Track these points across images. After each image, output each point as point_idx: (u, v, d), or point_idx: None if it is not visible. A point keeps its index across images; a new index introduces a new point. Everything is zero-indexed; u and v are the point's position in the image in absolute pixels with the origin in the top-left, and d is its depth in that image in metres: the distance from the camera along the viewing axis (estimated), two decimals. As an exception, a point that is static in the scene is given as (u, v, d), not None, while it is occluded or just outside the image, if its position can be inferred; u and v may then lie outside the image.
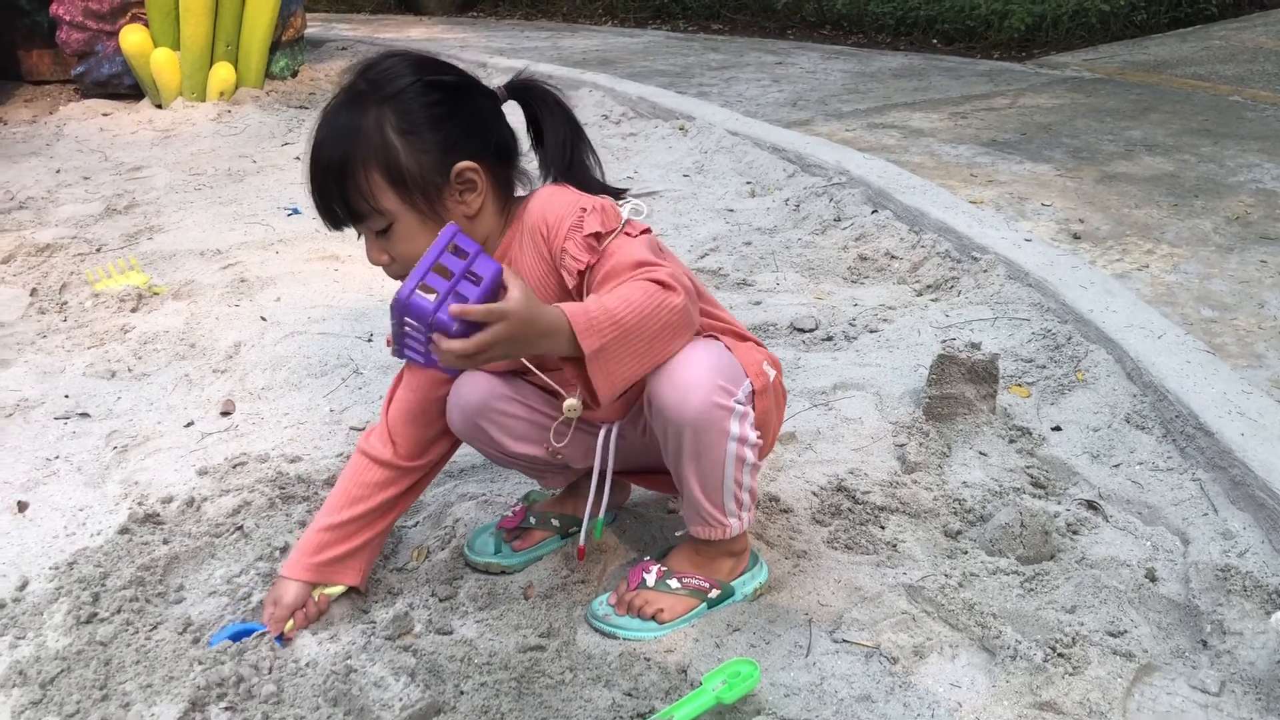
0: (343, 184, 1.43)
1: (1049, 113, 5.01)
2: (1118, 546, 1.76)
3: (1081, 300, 2.51)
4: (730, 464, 1.48)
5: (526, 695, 1.46)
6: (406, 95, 1.42)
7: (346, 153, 1.42)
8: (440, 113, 1.44)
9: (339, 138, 1.43)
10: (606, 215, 1.44)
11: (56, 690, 1.49)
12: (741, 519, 1.56)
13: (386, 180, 1.42)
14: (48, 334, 2.73)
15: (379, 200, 1.43)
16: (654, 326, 1.35)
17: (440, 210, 1.46)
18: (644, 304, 1.34)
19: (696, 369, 1.41)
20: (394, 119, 1.42)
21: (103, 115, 5.15)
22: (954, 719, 1.40)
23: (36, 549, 1.84)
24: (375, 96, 1.42)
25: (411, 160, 1.42)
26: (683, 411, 1.42)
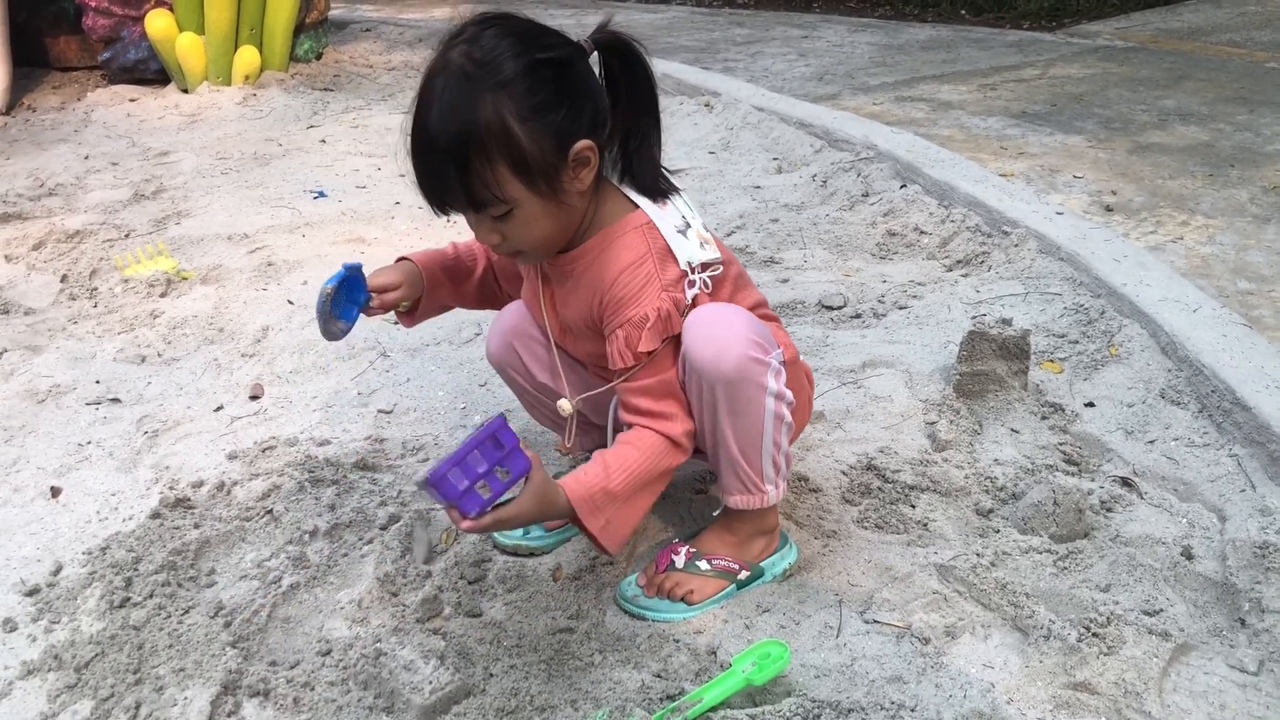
0: (465, 175, 1.37)
1: (1080, 83, 4.94)
2: (1153, 524, 1.74)
3: (1114, 274, 2.47)
4: (769, 420, 1.49)
5: (556, 677, 1.46)
6: (521, 79, 1.35)
7: (467, 144, 1.35)
8: (553, 92, 1.37)
9: (457, 128, 1.35)
10: (670, 324, 1.45)
11: (91, 674, 1.50)
12: (778, 486, 1.56)
13: (511, 170, 1.37)
14: (78, 320, 2.75)
15: (504, 189, 1.38)
16: (653, 483, 1.50)
17: (559, 191, 1.41)
18: (648, 469, 1.47)
19: (732, 326, 1.44)
20: (512, 105, 1.35)
21: (130, 101, 5.16)
22: (987, 700, 1.38)
23: (70, 534, 1.86)
24: (489, 82, 1.35)
25: (534, 146, 1.36)
26: (720, 366, 1.43)
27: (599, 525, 1.44)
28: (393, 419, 2.21)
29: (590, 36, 1.43)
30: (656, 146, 1.51)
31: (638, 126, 1.48)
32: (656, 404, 1.48)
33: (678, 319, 1.45)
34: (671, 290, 1.45)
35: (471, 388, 2.31)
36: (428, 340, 2.53)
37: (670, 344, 1.47)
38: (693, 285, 1.47)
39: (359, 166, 4.07)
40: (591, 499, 1.43)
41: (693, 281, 1.47)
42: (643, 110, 1.47)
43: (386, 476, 1.98)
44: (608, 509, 1.44)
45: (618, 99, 1.46)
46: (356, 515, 1.85)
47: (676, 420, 1.48)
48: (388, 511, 1.84)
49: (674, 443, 1.49)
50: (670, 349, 1.47)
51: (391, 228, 3.34)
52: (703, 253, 1.48)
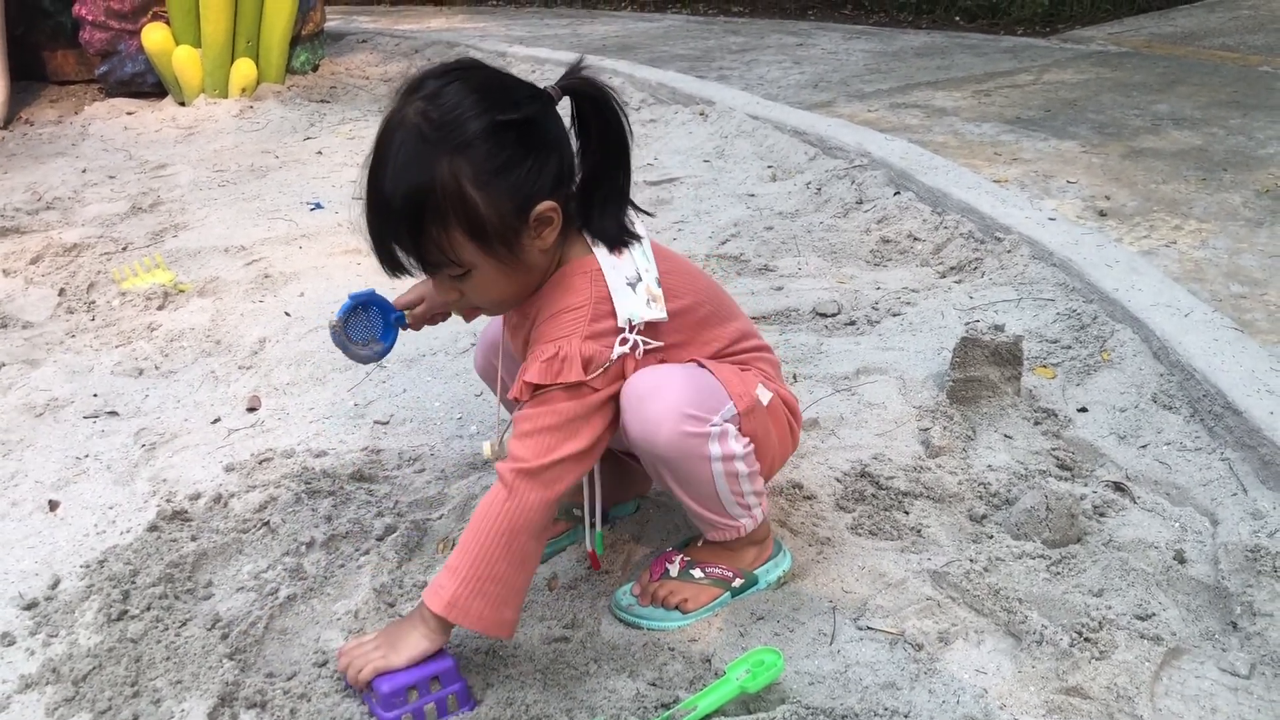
0: (418, 238, 1.35)
1: (1074, 88, 4.96)
2: (1145, 528, 1.75)
3: (1107, 279, 2.48)
4: (720, 481, 1.48)
5: (551, 687, 1.47)
6: (480, 142, 1.32)
7: (421, 207, 1.32)
8: (514, 155, 1.34)
9: (410, 190, 1.32)
10: (565, 368, 1.38)
11: (89, 687, 1.51)
12: (753, 516, 1.56)
13: (467, 235, 1.34)
14: (76, 333, 2.76)
15: (459, 254, 1.36)
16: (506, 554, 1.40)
17: (519, 252, 1.38)
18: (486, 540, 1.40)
19: (662, 400, 1.40)
20: (470, 170, 1.31)
21: (127, 114, 5.19)
22: (980, 705, 1.39)
23: (68, 547, 1.86)
24: (446, 145, 1.31)
25: (492, 211, 1.33)
26: (654, 446, 1.42)
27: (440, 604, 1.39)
28: (389, 430, 2.22)
29: (559, 83, 1.40)
30: (624, 194, 1.48)
31: (606, 173, 1.44)
32: (517, 440, 1.41)
33: (577, 369, 1.38)
34: (592, 340, 1.40)
35: (467, 398, 2.32)
36: (424, 351, 2.54)
37: (561, 396, 1.39)
38: (625, 343, 1.41)
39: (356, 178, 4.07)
40: (455, 604, 1.39)
41: (625, 339, 1.42)
42: (612, 157, 1.44)
43: (383, 487, 1.99)
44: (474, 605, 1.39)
45: (588, 143, 1.43)
46: (353, 526, 1.86)
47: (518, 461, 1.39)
48: (384, 522, 1.85)
49: (506, 486, 1.39)
50: (566, 397, 1.39)
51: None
52: (648, 310, 1.43)
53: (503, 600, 1.41)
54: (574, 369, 1.38)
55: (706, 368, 1.50)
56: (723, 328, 1.57)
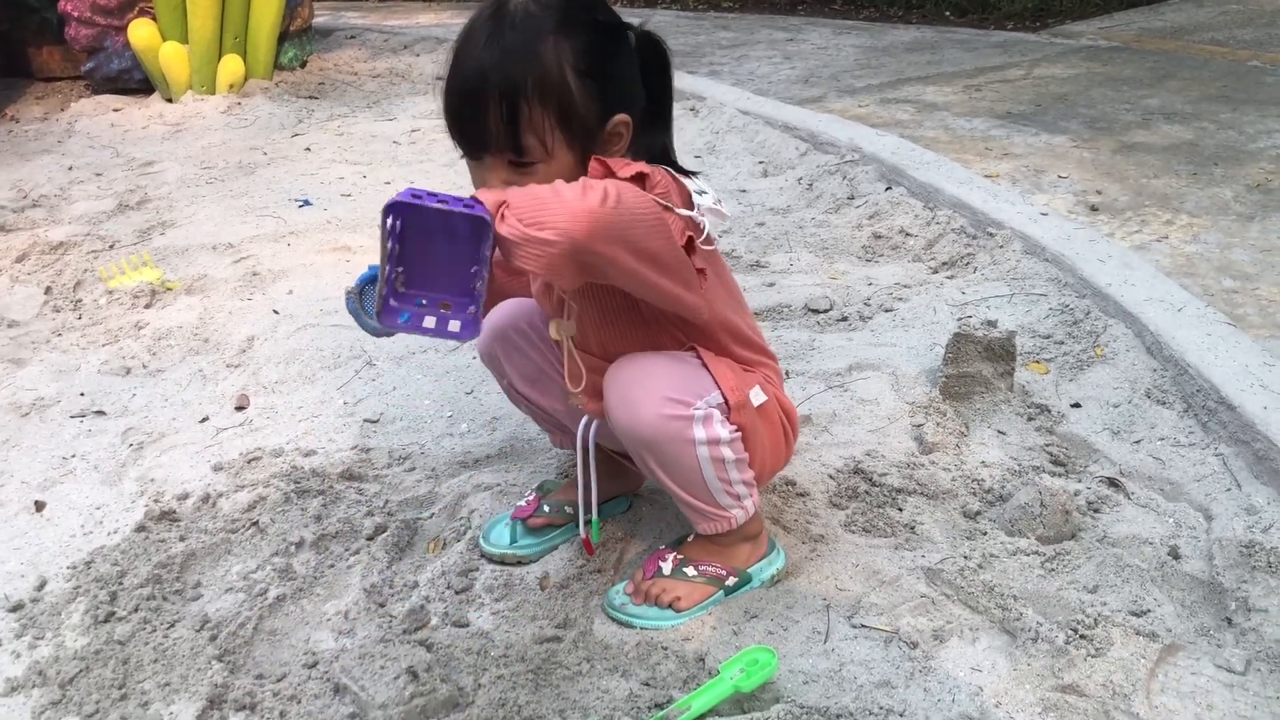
0: (512, 113, 1.31)
1: (1064, 83, 4.96)
2: (1140, 524, 1.74)
3: (1099, 274, 2.48)
4: (706, 467, 1.47)
5: (543, 687, 1.45)
6: (584, 33, 1.34)
7: (524, 85, 1.30)
8: (610, 57, 1.36)
9: (513, 61, 1.30)
10: (651, 179, 1.33)
11: (76, 690, 1.50)
12: (744, 507, 1.55)
13: (558, 121, 1.33)
14: (63, 332, 2.74)
15: (546, 138, 1.33)
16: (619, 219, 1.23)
17: (588, 157, 1.35)
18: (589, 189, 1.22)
19: (643, 385, 1.41)
20: (572, 56, 1.32)
21: (113, 111, 5.15)
22: (975, 703, 1.38)
23: (54, 548, 1.84)
24: (551, 24, 1.32)
25: (585, 105, 1.34)
26: (636, 430, 1.42)
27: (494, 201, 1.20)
28: (379, 428, 2.20)
29: (633, 31, 1.43)
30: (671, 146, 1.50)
31: (658, 122, 1.47)
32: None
33: (659, 178, 1.33)
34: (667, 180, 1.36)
35: (458, 395, 2.31)
36: (414, 349, 2.52)
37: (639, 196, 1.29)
38: (691, 211, 1.37)
39: (344, 174, 4.06)
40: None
41: (698, 207, 1.38)
42: (662, 108, 1.47)
43: (373, 486, 1.98)
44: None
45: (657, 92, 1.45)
46: (343, 526, 1.84)
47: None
48: (374, 521, 1.84)
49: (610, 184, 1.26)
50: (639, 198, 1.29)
51: (377, 236, 3.33)
52: (715, 207, 1.41)
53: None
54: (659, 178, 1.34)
55: (701, 359, 1.49)
56: (739, 307, 1.58)
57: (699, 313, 1.43)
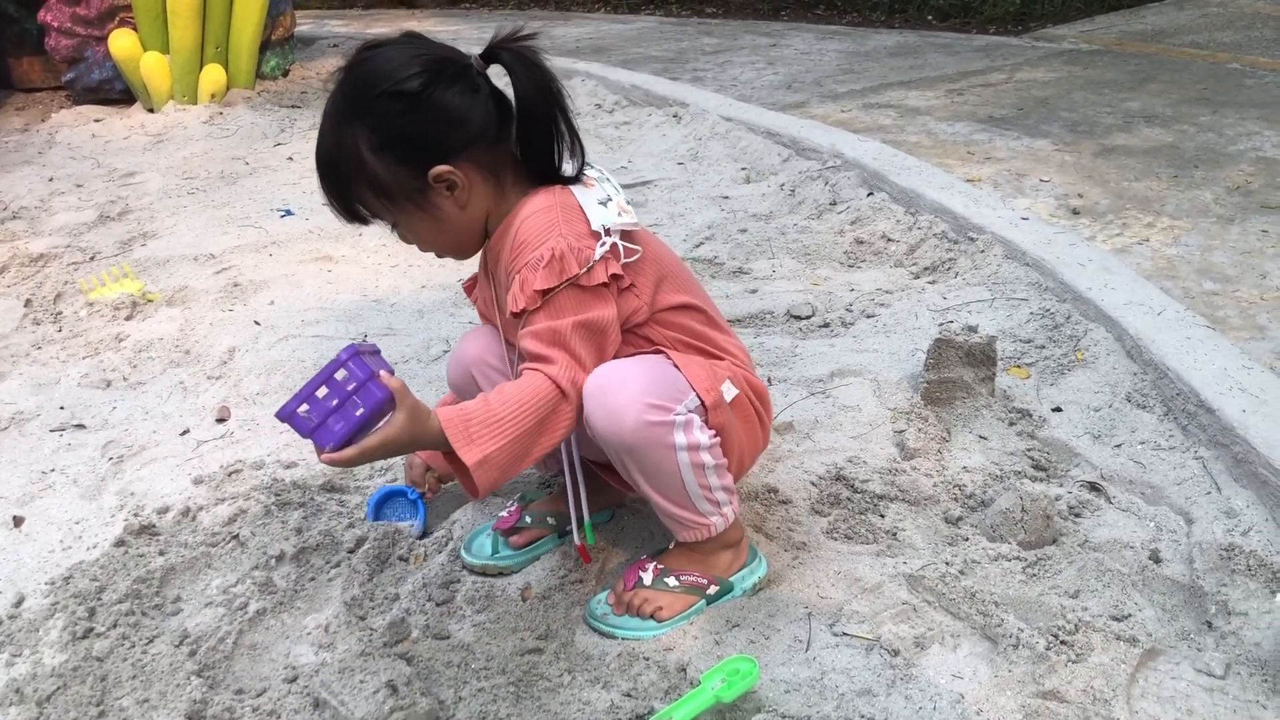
0: (341, 196, 1.49)
1: (1046, 86, 4.98)
2: (1121, 528, 1.75)
3: (1080, 278, 2.48)
4: (687, 472, 1.47)
5: (525, 699, 1.45)
6: (376, 109, 1.42)
7: (334, 169, 1.48)
8: (409, 121, 1.42)
9: (326, 154, 1.48)
10: (565, 264, 1.41)
11: (53, 708, 1.48)
12: (723, 514, 1.55)
13: (373, 194, 1.47)
14: (42, 345, 2.72)
15: (374, 209, 1.50)
16: (537, 430, 1.40)
17: (429, 210, 1.47)
18: (529, 406, 1.39)
19: (625, 390, 1.42)
20: (367, 136, 1.43)
21: (95, 121, 5.13)
22: (956, 711, 1.38)
23: (32, 564, 1.83)
24: (350, 111, 1.44)
25: (389, 175, 1.44)
26: (619, 436, 1.43)
27: (475, 458, 1.35)
28: (361, 439, 2.19)
29: (483, 53, 1.47)
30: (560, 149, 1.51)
31: (542, 130, 1.48)
32: (541, 348, 1.43)
33: (573, 264, 1.41)
34: (573, 239, 1.43)
35: (440, 406, 2.30)
36: (394, 359, 2.51)
37: (571, 294, 1.42)
38: (604, 245, 1.44)
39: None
40: (466, 427, 1.36)
41: (604, 242, 1.44)
42: (545, 113, 1.47)
43: (355, 498, 1.97)
44: (484, 441, 1.36)
45: (524, 99, 1.46)
46: (324, 538, 1.83)
47: (559, 366, 1.42)
48: (355, 534, 1.83)
49: (559, 389, 1.41)
50: (572, 299, 1.43)
51: (359, 245, 3.33)
52: (620, 219, 1.48)
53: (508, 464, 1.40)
54: (572, 262, 1.42)
55: (671, 360, 1.50)
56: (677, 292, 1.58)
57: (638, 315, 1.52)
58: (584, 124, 4.71)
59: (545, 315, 1.43)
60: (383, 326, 2.70)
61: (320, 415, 1.33)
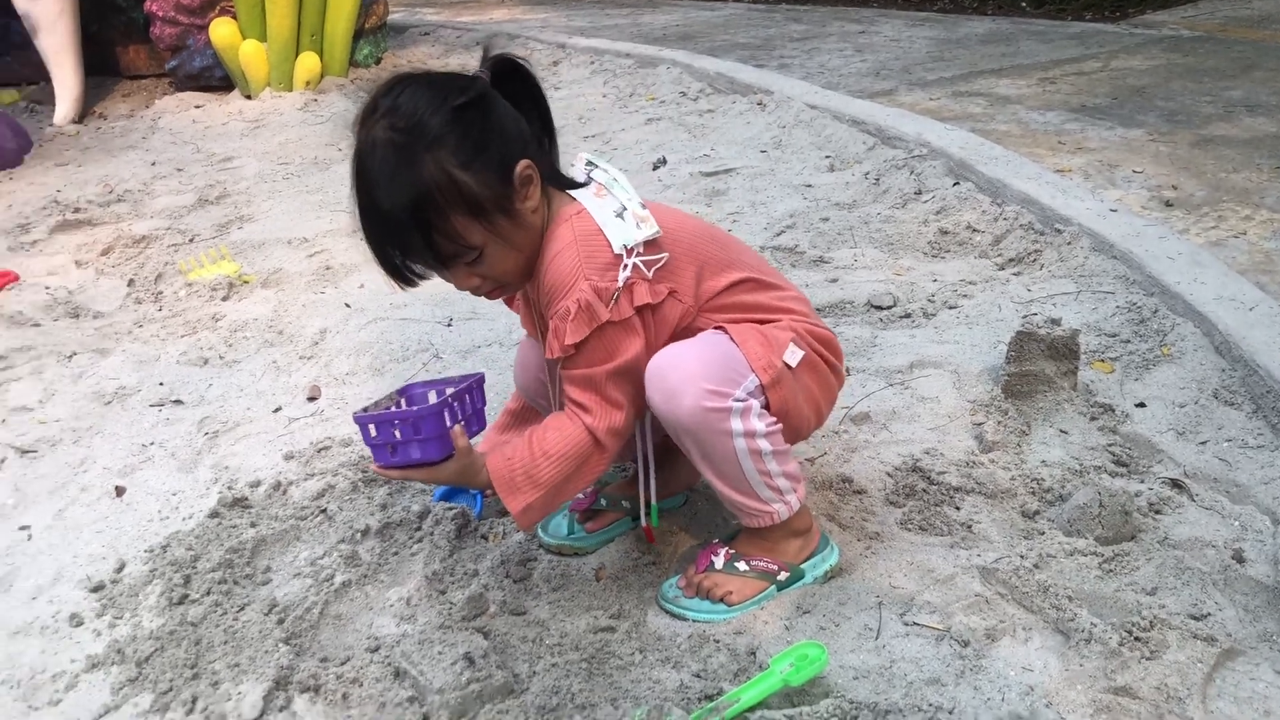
0: (428, 237, 1.41)
1: (1143, 75, 4.86)
2: (1203, 526, 1.72)
3: (1169, 272, 2.43)
4: (745, 459, 1.49)
5: (596, 676, 1.48)
6: (450, 130, 1.40)
7: (423, 209, 1.39)
8: (482, 130, 1.43)
9: (410, 198, 1.39)
10: (593, 313, 1.45)
11: (151, 668, 1.56)
12: (786, 502, 1.57)
13: (469, 216, 1.42)
14: (144, 323, 2.83)
15: (468, 237, 1.43)
16: (574, 475, 1.51)
17: (516, 217, 1.46)
18: (568, 457, 1.49)
19: (682, 373, 1.45)
20: (451, 157, 1.39)
21: (195, 107, 5.30)
22: (1025, 703, 1.38)
23: (133, 532, 1.92)
24: (422, 144, 1.39)
25: (483, 186, 1.41)
26: (677, 417, 1.46)
27: (518, 507, 1.50)
28: (444, 420, 2.24)
29: (481, 69, 1.49)
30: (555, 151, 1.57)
31: (545, 135, 1.53)
32: (580, 394, 1.49)
33: (602, 308, 1.45)
34: (596, 279, 1.45)
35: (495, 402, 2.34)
36: (479, 342, 2.57)
37: (605, 334, 1.46)
38: (625, 269, 1.46)
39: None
40: (511, 479, 1.50)
41: (625, 265, 1.46)
42: (544, 120, 1.53)
43: (436, 477, 2.02)
44: (526, 491, 1.49)
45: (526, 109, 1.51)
46: (407, 514, 1.89)
47: (596, 415, 1.49)
48: (436, 511, 1.88)
49: (594, 438, 1.49)
50: (605, 340, 1.47)
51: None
52: (639, 232, 1.48)
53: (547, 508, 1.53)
54: (599, 311, 1.45)
55: (729, 334, 1.52)
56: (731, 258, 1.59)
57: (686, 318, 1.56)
58: (668, 111, 4.73)
59: (581, 362, 1.48)
60: (467, 311, 2.76)
61: (383, 440, 1.49)
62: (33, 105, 5.54)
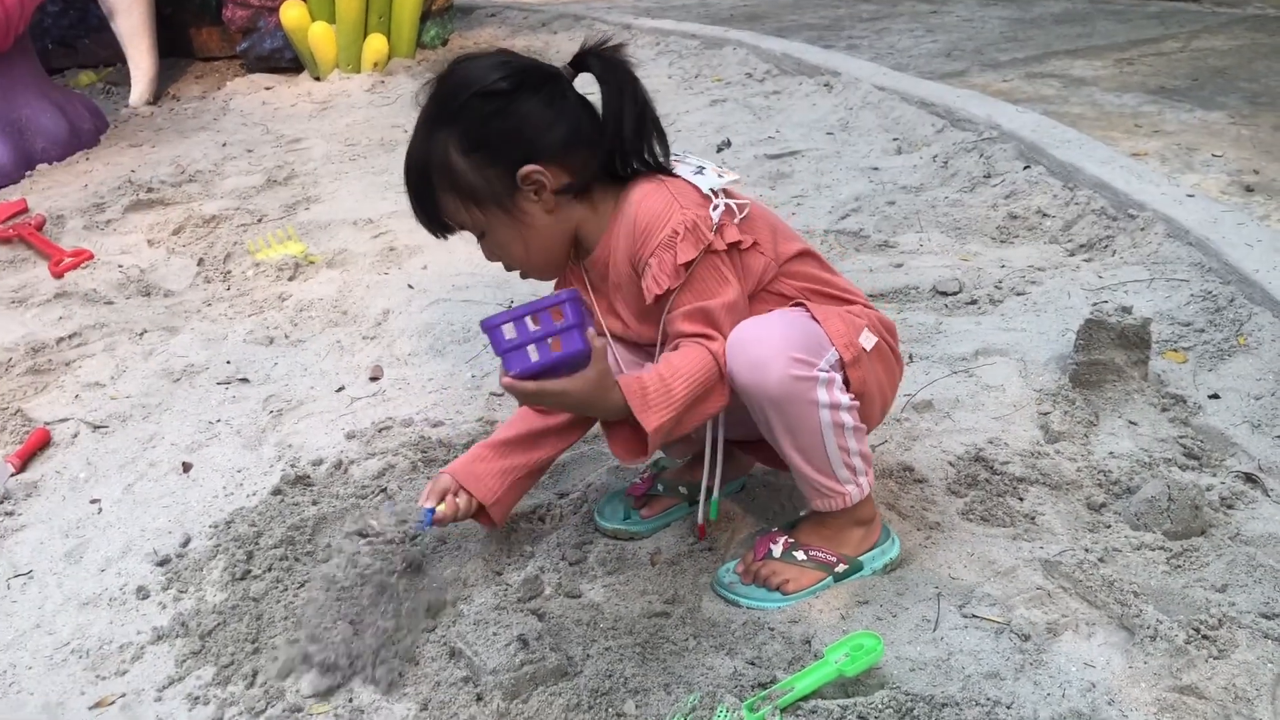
0: (429, 205, 1.53)
1: (1225, 55, 4.71)
2: (1277, 523, 1.67)
3: (1246, 259, 2.36)
4: (828, 432, 1.47)
5: (650, 660, 1.48)
6: (465, 113, 1.45)
7: (424, 178, 1.50)
8: (497, 123, 1.45)
9: (416, 164, 1.51)
10: (699, 234, 1.45)
11: (214, 642, 1.59)
12: (859, 484, 1.54)
13: (461, 200, 1.49)
14: (212, 302, 2.88)
15: (462, 217, 1.52)
16: (702, 401, 1.46)
17: (519, 214, 1.49)
18: (699, 383, 1.45)
19: (769, 344, 1.43)
20: (455, 140, 1.46)
21: (265, 89, 5.37)
22: (1086, 700, 1.35)
23: (198, 508, 1.96)
24: (441, 118, 1.47)
25: (478, 177, 1.47)
26: (764, 389, 1.43)
27: (653, 424, 1.42)
28: (504, 401, 2.26)
29: (571, 61, 1.50)
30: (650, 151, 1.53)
31: (634, 137, 1.50)
32: (702, 327, 1.48)
33: (705, 231, 1.45)
34: (692, 210, 1.46)
35: (580, 372, 2.34)
36: (539, 324, 2.57)
37: (710, 267, 1.47)
38: (718, 207, 1.47)
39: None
40: (644, 396, 1.42)
41: (717, 205, 1.47)
42: (636, 120, 1.49)
43: (495, 458, 2.03)
44: (660, 409, 1.42)
45: (615, 105, 1.48)
46: (465, 496, 1.90)
47: (718, 342, 1.47)
48: (494, 493, 1.89)
49: (718, 364, 1.46)
50: (713, 272, 1.47)
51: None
52: (721, 180, 1.51)
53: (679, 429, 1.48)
54: (704, 232, 1.45)
55: (809, 311, 1.51)
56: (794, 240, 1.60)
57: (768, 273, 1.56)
58: (733, 93, 4.69)
59: (691, 294, 1.47)
60: (528, 294, 2.76)
61: (521, 340, 1.38)
62: (109, 87, 5.65)
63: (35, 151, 4.28)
